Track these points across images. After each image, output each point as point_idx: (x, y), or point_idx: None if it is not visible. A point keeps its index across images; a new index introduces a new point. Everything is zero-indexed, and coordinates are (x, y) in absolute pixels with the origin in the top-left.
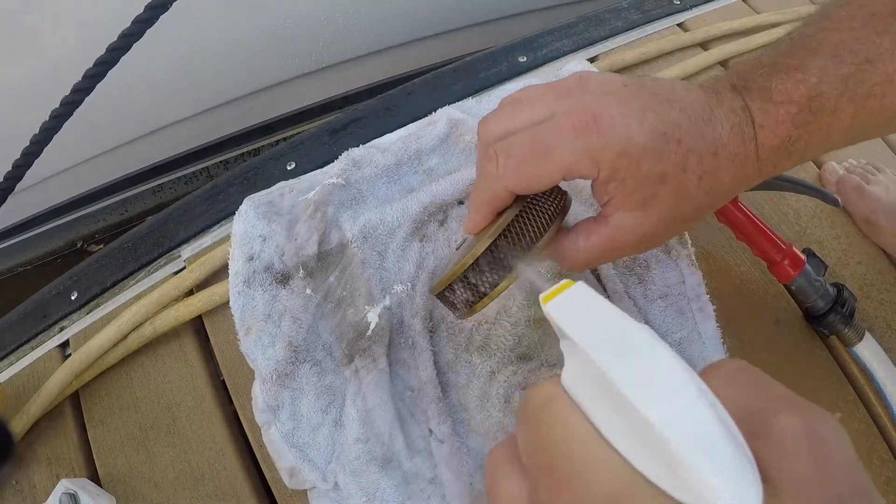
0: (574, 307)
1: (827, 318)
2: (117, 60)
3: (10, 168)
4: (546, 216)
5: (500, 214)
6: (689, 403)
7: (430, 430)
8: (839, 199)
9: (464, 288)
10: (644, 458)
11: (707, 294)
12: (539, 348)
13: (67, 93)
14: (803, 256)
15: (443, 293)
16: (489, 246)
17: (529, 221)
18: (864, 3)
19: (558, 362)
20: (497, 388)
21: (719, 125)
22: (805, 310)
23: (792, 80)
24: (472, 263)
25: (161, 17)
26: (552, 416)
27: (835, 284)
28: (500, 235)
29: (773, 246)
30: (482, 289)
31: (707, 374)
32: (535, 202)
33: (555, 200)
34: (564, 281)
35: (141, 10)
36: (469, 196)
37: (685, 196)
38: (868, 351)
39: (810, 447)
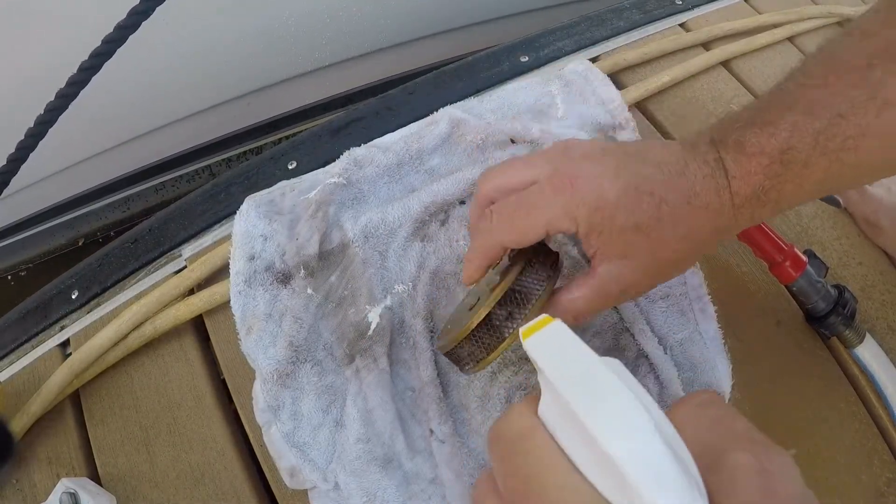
0: (550, 344)
1: (828, 319)
2: (113, 52)
3: (4, 163)
4: (543, 275)
5: (503, 273)
6: (644, 440)
7: (431, 431)
8: (840, 200)
9: (471, 346)
10: (611, 489)
11: (708, 295)
12: None
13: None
14: (804, 257)
15: (451, 351)
16: (494, 307)
17: (529, 281)
18: (840, 57)
19: None
20: (498, 388)
21: (692, 176)
22: (806, 311)
23: (765, 134)
24: (480, 323)
25: (158, 8)
26: (528, 447)
27: (836, 286)
28: (503, 295)
29: (774, 247)
30: (489, 344)
31: (676, 406)
32: (531, 265)
33: (548, 261)
34: (543, 316)
35: (138, 2)
36: (470, 196)
37: (662, 244)
38: (869, 353)
39: (759, 482)
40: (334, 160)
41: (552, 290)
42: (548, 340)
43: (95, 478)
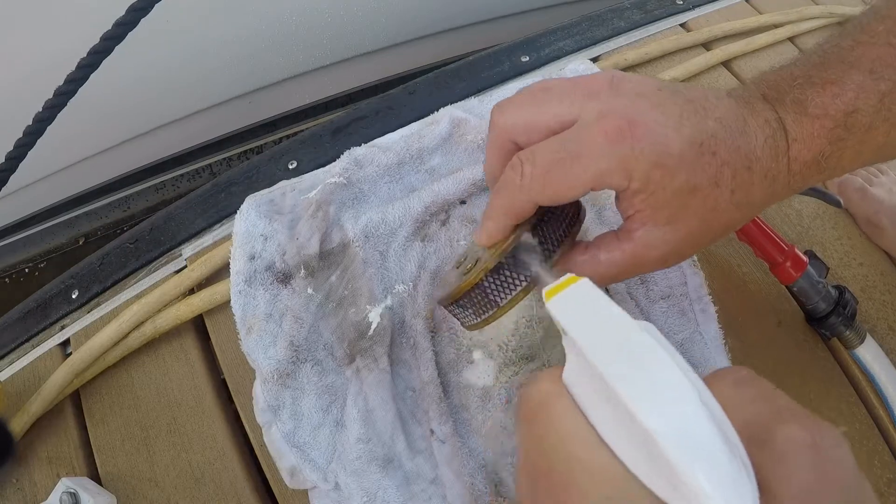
0: (577, 305)
1: (828, 320)
2: (111, 49)
3: (2, 160)
4: (563, 226)
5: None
6: (687, 412)
7: (432, 431)
8: (841, 201)
9: (477, 299)
10: (640, 463)
11: (709, 295)
12: (541, 349)
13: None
14: (805, 258)
15: (455, 303)
16: (505, 258)
17: (547, 232)
18: None
19: (560, 363)
20: (499, 388)
21: (753, 137)
22: (806, 311)
23: (828, 94)
24: (486, 274)
25: (157, 5)
26: (550, 415)
27: (836, 286)
28: (516, 247)
29: (775, 247)
30: (495, 300)
31: (713, 380)
32: (551, 212)
33: (571, 209)
34: (569, 275)
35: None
36: (471, 196)
37: (716, 210)
38: (869, 354)
39: (812, 458)
40: (335, 160)
41: (572, 244)
42: (574, 301)
43: (95, 477)
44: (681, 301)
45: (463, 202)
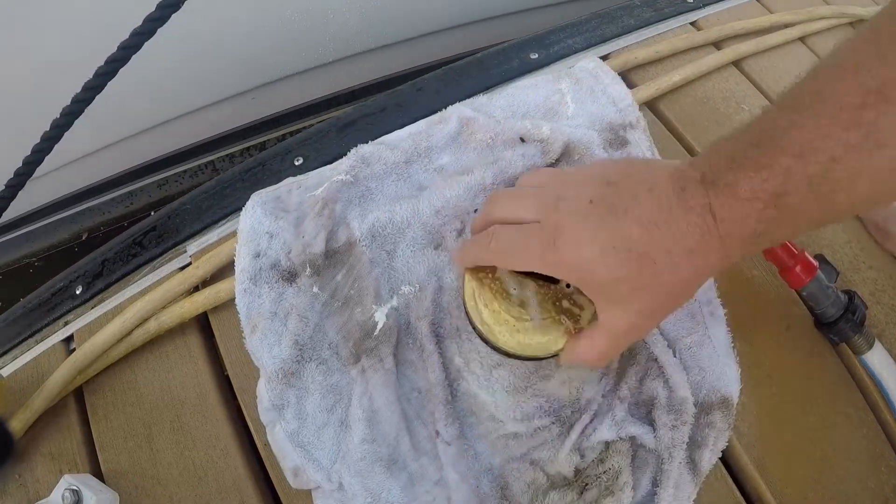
0: None
1: (837, 325)
2: (141, 45)
3: (28, 153)
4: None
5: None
6: None
7: (437, 432)
8: None
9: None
10: None
11: (719, 298)
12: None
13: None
14: (815, 262)
15: (507, 354)
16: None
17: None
18: (833, 95)
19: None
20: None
21: (676, 226)
22: (815, 316)
23: (758, 179)
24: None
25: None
26: None
27: (846, 291)
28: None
29: (785, 250)
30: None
31: None
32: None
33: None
34: None
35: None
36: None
37: (651, 290)
38: (878, 360)
39: None
40: (341, 156)
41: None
42: None
43: (98, 474)
44: (690, 304)
45: (476, 210)
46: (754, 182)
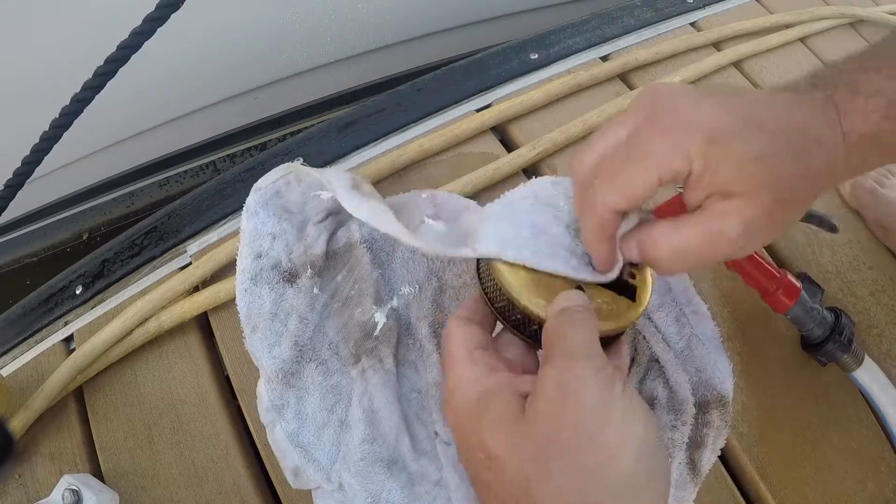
0: None
1: (825, 346)
2: (141, 45)
3: (28, 153)
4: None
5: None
6: None
7: (436, 433)
8: (837, 226)
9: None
10: None
11: (698, 295)
12: None
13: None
14: (798, 284)
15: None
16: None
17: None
18: None
19: None
20: None
21: (805, 110)
22: (803, 337)
23: (883, 76)
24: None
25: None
26: None
27: (831, 309)
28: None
29: (766, 275)
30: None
31: None
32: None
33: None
34: None
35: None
36: None
37: (782, 180)
38: (867, 376)
39: None
40: (343, 156)
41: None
42: None
43: (98, 474)
44: (671, 309)
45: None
46: (879, 79)
